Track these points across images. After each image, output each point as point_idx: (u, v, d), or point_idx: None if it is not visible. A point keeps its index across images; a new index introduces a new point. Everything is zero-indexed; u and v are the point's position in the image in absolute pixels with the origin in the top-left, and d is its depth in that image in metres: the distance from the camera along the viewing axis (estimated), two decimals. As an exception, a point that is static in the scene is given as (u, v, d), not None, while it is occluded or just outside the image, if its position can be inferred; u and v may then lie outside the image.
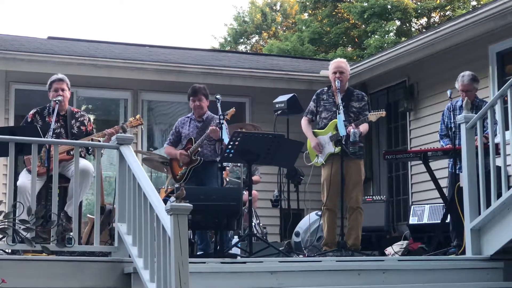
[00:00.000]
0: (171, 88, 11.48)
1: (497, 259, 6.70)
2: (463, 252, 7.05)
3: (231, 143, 7.21)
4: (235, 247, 7.44)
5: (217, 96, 7.72)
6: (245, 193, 8.29)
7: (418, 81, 11.29)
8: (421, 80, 11.25)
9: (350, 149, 7.56)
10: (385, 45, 21.50)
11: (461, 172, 7.35)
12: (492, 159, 6.80)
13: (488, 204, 6.76)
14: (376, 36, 23.37)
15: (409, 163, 11.16)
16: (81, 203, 6.81)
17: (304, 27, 26.45)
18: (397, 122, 11.88)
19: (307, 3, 26.52)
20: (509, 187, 6.77)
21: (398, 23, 24.16)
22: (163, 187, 9.02)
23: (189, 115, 8.14)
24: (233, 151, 7.21)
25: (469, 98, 7.61)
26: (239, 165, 9.06)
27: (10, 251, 5.96)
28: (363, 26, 24.38)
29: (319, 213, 8.48)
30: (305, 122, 7.97)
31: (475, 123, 7.02)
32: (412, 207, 10.41)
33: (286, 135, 8.33)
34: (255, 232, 8.10)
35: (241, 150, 7.23)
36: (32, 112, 7.27)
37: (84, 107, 11.76)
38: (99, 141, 6.99)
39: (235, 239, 7.89)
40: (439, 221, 8.78)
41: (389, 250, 9.20)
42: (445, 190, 8.19)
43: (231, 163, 8.95)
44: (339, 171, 7.52)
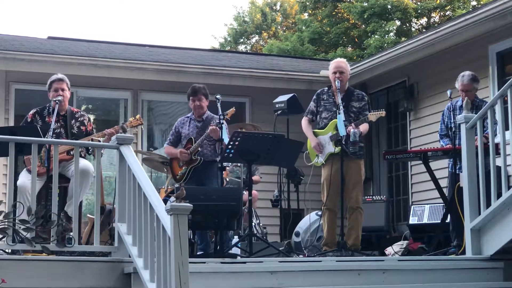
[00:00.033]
0: (171, 88, 11.47)
1: (497, 259, 6.70)
2: (463, 252, 7.04)
3: (231, 143, 7.21)
4: (235, 247, 7.43)
5: (217, 96, 7.72)
6: (245, 193, 8.28)
7: (418, 81, 11.28)
8: (421, 80, 11.25)
9: (350, 149, 7.56)
10: (385, 45, 21.49)
11: (461, 172, 7.35)
12: (492, 159, 6.80)
13: (488, 204, 6.75)
14: (376, 36, 23.36)
15: (409, 163, 11.15)
16: (81, 203, 6.80)
17: (304, 27, 26.44)
18: (397, 122, 11.87)
19: (307, 3, 26.52)
20: (509, 187, 6.77)
21: (398, 23, 24.16)
22: (163, 187, 9.01)
23: (189, 115, 8.13)
24: (233, 151, 7.21)
25: (469, 98, 7.60)
26: (239, 165, 9.06)
27: (10, 251, 5.96)
28: (363, 26, 24.37)
29: (319, 213, 8.48)
30: (305, 122, 7.97)
31: (475, 123, 7.01)
32: (412, 207, 10.41)
33: (286, 135, 8.33)
34: (255, 232, 8.09)
35: (241, 150, 7.22)
36: (32, 112, 7.26)
37: (84, 107, 11.76)
38: (99, 141, 6.99)
39: (235, 239, 7.88)
40: (439, 221, 8.78)
41: (389, 250, 9.19)
42: (445, 190, 8.19)
43: (231, 163, 8.95)
44: (339, 171, 7.52)
